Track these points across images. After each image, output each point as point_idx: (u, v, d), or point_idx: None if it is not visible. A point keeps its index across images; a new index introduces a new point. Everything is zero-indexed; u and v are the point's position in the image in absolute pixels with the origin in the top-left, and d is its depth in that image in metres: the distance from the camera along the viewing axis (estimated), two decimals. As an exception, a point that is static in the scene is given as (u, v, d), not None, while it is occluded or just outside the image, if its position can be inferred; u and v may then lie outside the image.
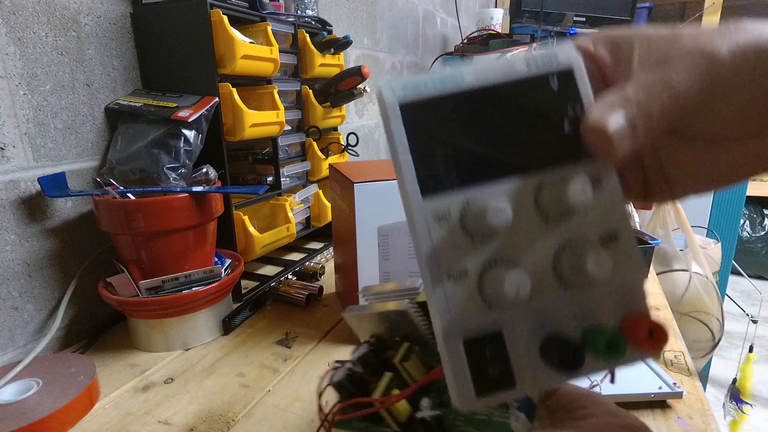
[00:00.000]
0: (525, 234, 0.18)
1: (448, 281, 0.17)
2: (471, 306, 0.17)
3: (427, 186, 0.18)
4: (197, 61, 0.60)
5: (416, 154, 0.18)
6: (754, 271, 2.49)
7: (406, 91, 0.18)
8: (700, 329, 1.10)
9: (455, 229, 0.18)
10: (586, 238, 0.18)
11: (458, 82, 0.18)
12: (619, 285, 0.18)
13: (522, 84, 0.18)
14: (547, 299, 0.18)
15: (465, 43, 1.49)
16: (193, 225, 0.53)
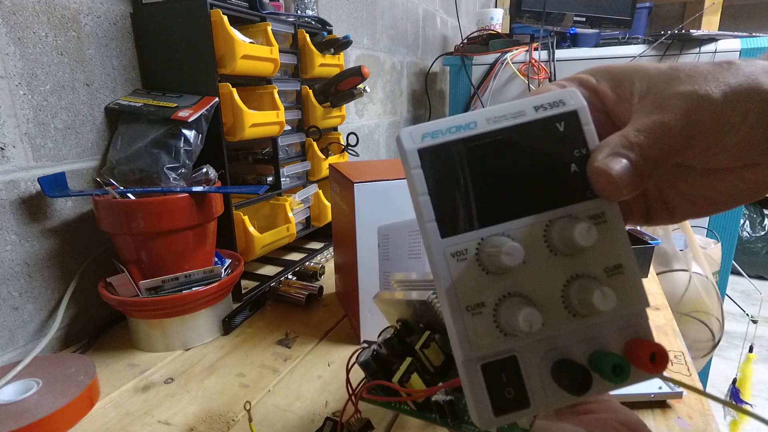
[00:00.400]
0: (536, 268, 0.19)
1: (466, 313, 0.19)
2: (488, 335, 0.19)
3: (446, 226, 0.19)
4: (197, 61, 0.60)
5: (434, 196, 0.19)
6: (754, 271, 2.49)
7: (423, 137, 0.19)
8: (700, 329, 1.10)
9: (472, 266, 0.19)
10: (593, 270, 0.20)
11: (471, 128, 0.19)
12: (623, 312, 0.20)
13: (530, 127, 0.20)
14: (556, 327, 0.19)
15: (465, 43, 1.49)
16: (193, 225, 0.53)
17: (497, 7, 1.73)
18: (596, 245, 0.19)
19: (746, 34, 1.24)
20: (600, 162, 0.19)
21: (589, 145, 0.20)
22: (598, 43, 1.41)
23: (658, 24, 2.75)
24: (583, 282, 0.19)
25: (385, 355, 0.30)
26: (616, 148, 0.19)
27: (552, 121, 0.20)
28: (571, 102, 0.20)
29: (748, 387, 1.17)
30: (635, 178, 0.19)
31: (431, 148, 0.19)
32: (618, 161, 0.19)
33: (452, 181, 0.19)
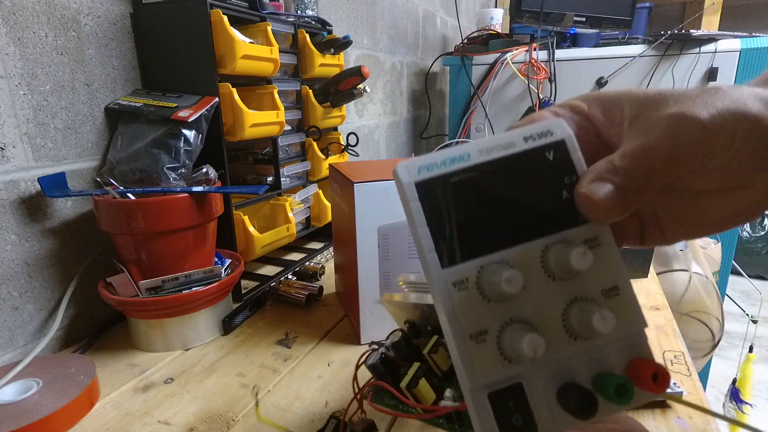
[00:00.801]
0: (535, 294, 0.20)
1: (470, 341, 0.19)
2: (492, 363, 0.19)
3: (446, 256, 0.20)
4: (197, 61, 0.60)
5: (433, 227, 0.20)
6: (754, 271, 2.49)
7: (420, 171, 0.20)
8: (700, 329, 1.10)
9: (473, 294, 0.20)
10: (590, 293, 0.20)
11: (465, 160, 0.20)
12: (622, 333, 0.20)
13: (521, 157, 0.20)
14: (559, 351, 0.20)
15: (465, 43, 1.49)
16: (193, 225, 0.53)
17: (497, 7, 1.73)
18: (592, 268, 0.20)
19: (746, 34, 1.24)
20: (584, 187, 0.20)
21: (578, 172, 0.21)
22: (598, 43, 1.41)
23: (658, 24, 2.75)
24: (582, 305, 0.20)
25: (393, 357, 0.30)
26: (601, 173, 0.20)
27: (541, 150, 0.21)
28: (559, 132, 0.21)
29: (748, 387, 1.17)
30: (621, 201, 0.19)
31: (428, 180, 0.20)
32: (602, 186, 0.19)
33: (450, 212, 0.20)
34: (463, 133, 1.47)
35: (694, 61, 1.26)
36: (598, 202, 0.19)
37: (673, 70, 1.28)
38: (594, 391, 0.19)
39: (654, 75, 1.29)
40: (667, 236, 0.24)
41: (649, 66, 1.30)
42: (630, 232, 0.25)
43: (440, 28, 1.80)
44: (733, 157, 0.19)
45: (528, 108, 1.34)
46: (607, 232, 0.21)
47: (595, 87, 1.35)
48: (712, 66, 1.24)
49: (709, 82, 1.25)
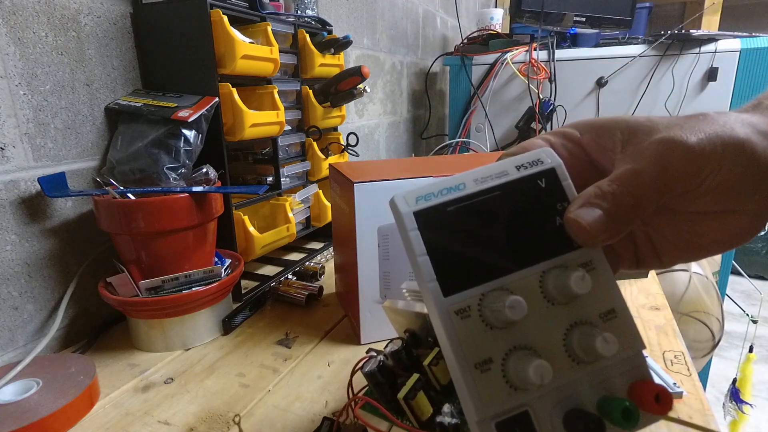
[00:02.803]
0: (536, 319, 0.20)
1: (475, 371, 0.19)
2: (498, 391, 0.19)
3: (447, 285, 0.20)
4: (197, 61, 0.60)
5: (433, 256, 0.20)
6: (754, 271, 2.49)
7: (417, 200, 0.20)
8: (700, 329, 1.10)
9: (476, 322, 0.20)
10: (589, 317, 0.20)
11: (461, 189, 0.21)
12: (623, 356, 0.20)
13: (515, 185, 0.21)
14: (563, 377, 0.20)
15: (465, 43, 1.49)
16: (193, 225, 0.53)
17: (497, 7, 1.73)
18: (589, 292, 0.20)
19: (746, 34, 1.24)
20: (572, 213, 0.20)
21: (569, 198, 0.21)
22: (598, 43, 1.41)
23: (658, 24, 2.75)
24: (583, 329, 0.20)
25: (391, 366, 0.29)
26: (589, 199, 0.20)
27: (534, 178, 0.21)
28: (548, 160, 0.21)
29: (748, 387, 1.17)
30: (610, 225, 0.20)
31: (426, 210, 0.20)
32: (590, 211, 0.20)
33: (448, 240, 0.20)
34: (463, 133, 1.47)
35: (694, 61, 1.26)
36: (586, 227, 0.20)
37: (673, 70, 1.28)
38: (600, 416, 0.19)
39: (654, 75, 1.29)
40: (662, 260, 0.24)
41: (649, 66, 1.30)
42: (625, 256, 0.25)
43: (440, 28, 1.80)
44: (723, 181, 0.20)
45: (528, 108, 1.33)
46: (601, 256, 0.21)
47: (595, 87, 1.35)
48: (712, 66, 1.24)
49: (709, 82, 1.25)
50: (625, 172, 0.20)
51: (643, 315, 0.58)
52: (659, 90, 1.30)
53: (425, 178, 0.50)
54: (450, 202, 0.20)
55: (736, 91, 1.24)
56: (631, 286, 0.67)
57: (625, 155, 0.21)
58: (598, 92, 1.36)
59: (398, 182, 0.49)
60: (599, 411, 0.20)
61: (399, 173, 0.51)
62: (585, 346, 0.19)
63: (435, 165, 0.57)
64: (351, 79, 0.80)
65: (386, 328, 0.53)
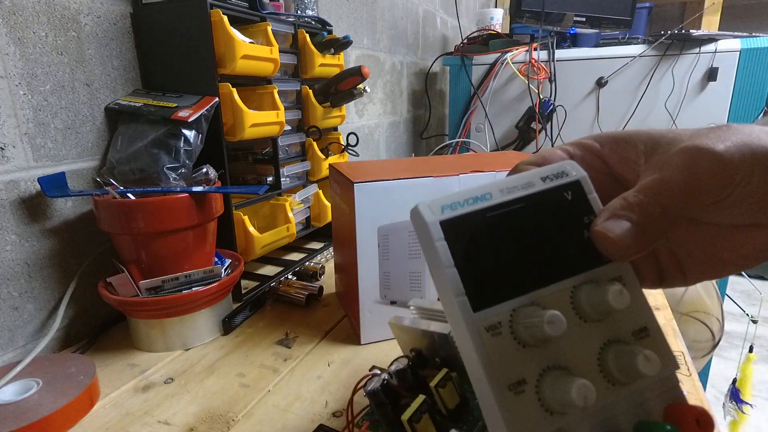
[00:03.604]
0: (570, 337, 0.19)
1: (509, 393, 0.18)
2: (534, 415, 0.18)
3: (477, 299, 0.18)
4: (197, 61, 0.60)
5: (461, 268, 0.18)
6: (754, 271, 2.49)
7: (443, 210, 0.19)
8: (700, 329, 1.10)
9: (507, 340, 0.18)
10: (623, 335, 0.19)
11: (487, 199, 0.20)
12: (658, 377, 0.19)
13: (541, 196, 0.20)
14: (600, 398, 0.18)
15: (465, 43, 1.49)
16: (193, 225, 0.53)
17: (497, 7, 1.73)
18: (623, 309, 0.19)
19: (746, 34, 1.24)
20: (599, 225, 0.19)
21: (595, 211, 0.21)
22: (598, 43, 1.41)
23: (658, 24, 2.75)
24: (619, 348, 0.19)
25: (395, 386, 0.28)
26: (615, 211, 0.20)
27: (560, 190, 0.20)
28: (573, 173, 0.21)
29: (748, 387, 1.17)
30: (639, 237, 0.19)
31: (452, 219, 0.19)
32: (617, 223, 0.19)
33: (476, 252, 0.19)
34: (463, 133, 1.47)
35: (694, 61, 1.26)
36: (615, 240, 0.19)
37: (673, 70, 1.28)
38: None
39: (654, 75, 1.29)
40: (687, 276, 0.23)
41: (649, 66, 1.30)
42: (647, 274, 0.24)
43: (440, 28, 1.80)
44: (752, 192, 0.19)
45: (528, 108, 1.33)
46: (630, 271, 0.20)
47: (595, 87, 1.35)
48: (712, 66, 1.24)
49: (709, 82, 1.25)
50: (651, 181, 0.19)
51: (643, 315, 0.58)
52: (659, 90, 1.30)
53: (425, 178, 0.50)
54: (477, 211, 0.19)
55: (736, 91, 1.24)
56: (631, 286, 0.67)
57: (649, 166, 0.20)
58: (598, 92, 1.36)
59: (398, 182, 0.49)
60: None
61: (399, 173, 0.51)
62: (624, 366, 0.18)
63: (435, 165, 0.57)
64: (351, 79, 0.80)
65: (386, 328, 0.53)
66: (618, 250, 0.19)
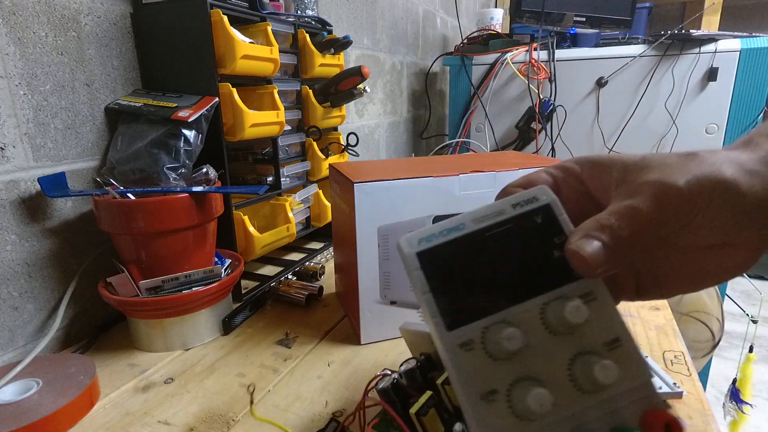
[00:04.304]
0: (539, 350, 0.21)
1: (481, 402, 0.20)
2: (505, 422, 0.19)
3: (449, 320, 0.21)
4: (197, 61, 0.60)
5: (436, 293, 0.21)
6: (754, 271, 2.49)
7: (420, 242, 0.22)
8: (700, 329, 1.10)
9: (480, 355, 0.20)
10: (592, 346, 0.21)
11: (460, 229, 0.22)
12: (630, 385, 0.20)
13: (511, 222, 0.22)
14: (570, 406, 0.20)
15: (465, 43, 1.49)
16: (193, 225, 0.53)
17: (497, 7, 1.73)
18: (591, 322, 0.21)
19: (746, 34, 1.24)
20: (573, 244, 0.21)
21: (566, 231, 0.22)
22: (598, 43, 1.41)
23: (658, 24, 2.75)
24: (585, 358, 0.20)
25: (404, 385, 0.30)
26: (589, 231, 0.21)
27: (530, 215, 0.22)
28: (544, 198, 0.23)
29: (748, 387, 1.17)
30: (609, 256, 0.21)
31: (428, 250, 0.21)
32: (590, 242, 0.21)
33: (449, 278, 0.21)
34: (463, 133, 1.47)
35: (694, 61, 1.26)
36: (586, 258, 0.21)
37: (673, 70, 1.28)
38: None
39: (654, 75, 1.29)
40: (663, 290, 0.26)
41: (649, 66, 1.30)
42: (626, 287, 0.26)
43: (440, 28, 1.80)
44: (713, 218, 0.21)
45: (528, 108, 1.33)
46: (602, 286, 0.22)
47: (595, 87, 1.35)
48: (712, 66, 1.24)
49: (709, 82, 1.25)
50: (623, 207, 0.22)
51: (643, 315, 0.58)
52: (659, 90, 1.30)
53: (425, 178, 0.50)
54: (450, 242, 0.22)
55: (736, 91, 1.24)
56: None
57: (620, 191, 0.23)
58: (598, 92, 1.36)
59: (398, 182, 0.49)
60: None
61: (399, 173, 0.51)
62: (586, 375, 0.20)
63: (435, 165, 0.57)
64: (351, 79, 0.80)
65: (386, 328, 0.53)
66: (589, 268, 0.21)
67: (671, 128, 1.31)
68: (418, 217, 0.51)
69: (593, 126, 1.38)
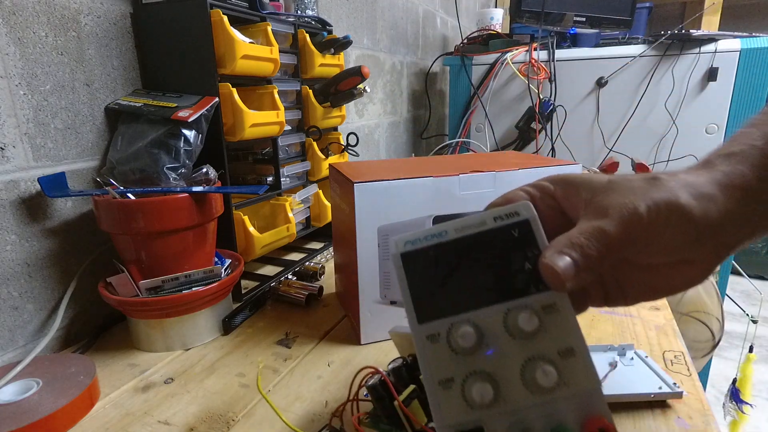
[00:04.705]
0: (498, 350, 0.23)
1: (438, 387, 0.23)
2: (457, 407, 0.22)
3: (422, 315, 0.24)
4: (197, 61, 0.60)
5: (413, 290, 0.24)
6: (754, 271, 2.49)
7: (406, 244, 0.24)
8: (700, 329, 1.10)
9: (443, 347, 0.23)
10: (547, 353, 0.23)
11: (443, 236, 0.24)
12: (578, 391, 0.22)
13: (490, 234, 0.24)
14: (517, 403, 0.22)
15: (465, 43, 1.49)
16: (193, 225, 0.53)
17: (497, 7, 1.73)
18: (549, 331, 0.23)
19: (746, 34, 1.24)
20: (547, 258, 0.23)
21: (540, 246, 0.24)
22: (598, 43, 1.41)
23: (658, 24, 2.75)
24: (536, 363, 0.22)
25: (392, 382, 0.32)
26: (561, 247, 0.23)
27: (508, 228, 0.24)
28: (524, 213, 0.25)
29: (748, 387, 1.17)
30: (578, 272, 0.23)
31: (411, 252, 0.24)
32: (562, 258, 0.23)
33: (427, 278, 0.24)
34: (463, 133, 1.47)
35: (694, 61, 1.26)
36: (558, 272, 0.23)
37: (673, 70, 1.28)
38: None
39: (654, 75, 1.29)
40: (627, 299, 0.28)
41: (649, 66, 1.30)
42: (594, 295, 0.29)
43: (440, 28, 1.80)
44: (670, 240, 0.23)
45: (528, 108, 1.33)
46: (565, 299, 0.24)
47: (595, 87, 1.35)
48: (712, 66, 1.24)
49: (709, 82, 1.25)
50: (592, 227, 0.24)
51: (643, 315, 0.58)
52: (659, 90, 1.30)
53: (425, 178, 0.50)
54: (432, 246, 0.24)
55: (736, 91, 1.24)
56: (631, 286, 0.67)
57: (587, 211, 0.25)
58: (598, 92, 1.36)
59: (398, 182, 0.49)
60: None
61: (399, 173, 0.51)
62: (532, 377, 0.22)
63: (435, 165, 0.57)
64: (351, 79, 0.80)
65: (386, 328, 0.53)
66: (559, 281, 0.23)
67: (671, 128, 1.31)
68: (418, 217, 0.51)
69: (593, 126, 1.38)
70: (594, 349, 0.48)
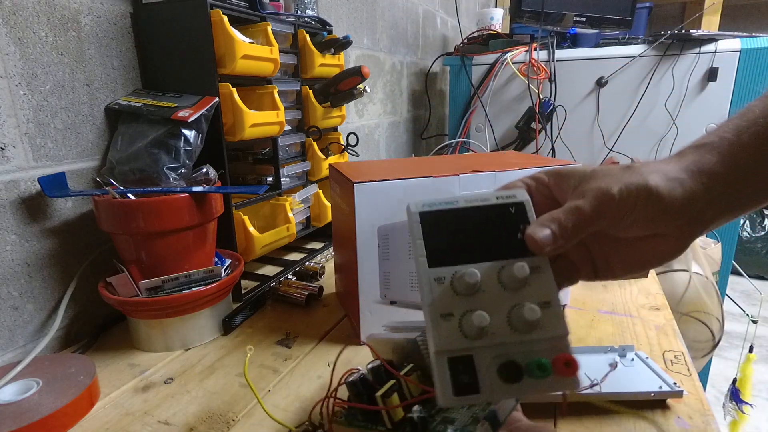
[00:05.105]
0: (490, 296, 0.28)
1: (440, 318, 0.27)
2: (454, 336, 0.27)
3: (432, 260, 0.28)
4: (197, 61, 0.60)
5: (427, 240, 0.29)
6: (754, 271, 2.49)
7: (423, 206, 0.29)
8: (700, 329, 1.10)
9: (447, 288, 0.28)
10: (530, 301, 0.27)
11: (454, 204, 0.29)
12: (550, 335, 0.27)
13: (493, 207, 0.30)
14: (502, 338, 0.27)
15: (465, 43, 1.49)
16: (193, 225, 0.53)
17: (497, 7, 1.73)
18: (533, 285, 0.28)
19: (746, 34, 1.24)
20: (530, 230, 0.28)
21: (530, 221, 0.30)
22: (598, 43, 1.40)
23: (658, 24, 2.75)
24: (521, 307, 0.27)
25: (371, 381, 0.35)
26: (542, 221, 0.28)
27: (507, 205, 0.30)
28: (520, 197, 0.30)
29: (748, 387, 1.17)
30: (556, 240, 0.27)
31: (428, 212, 0.29)
32: (543, 230, 0.28)
33: (438, 233, 0.29)
34: (463, 133, 1.47)
35: (694, 61, 1.26)
36: (537, 240, 0.27)
37: (673, 70, 1.28)
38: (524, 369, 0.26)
39: (654, 75, 1.29)
40: (614, 272, 0.32)
41: (649, 66, 1.30)
42: (584, 270, 0.33)
43: (440, 28, 1.80)
44: (640, 216, 0.27)
45: (528, 108, 1.33)
46: (546, 262, 0.29)
47: (595, 87, 1.35)
48: (712, 66, 1.24)
49: (709, 82, 1.25)
50: (569, 206, 0.28)
51: (643, 315, 0.58)
52: (659, 90, 1.30)
53: (425, 178, 0.50)
54: (445, 210, 0.29)
55: (736, 91, 1.24)
56: (631, 286, 0.67)
57: (573, 195, 0.29)
58: (598, 92, 1.36)
59: (398, 182, 0.49)
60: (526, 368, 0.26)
61: (399, 173, 0.51)
62: (518, 316, 0.26)
63: (435, 165, 0.57)
64: (351, 79, 0.80)
65: (386, 328, 0.53)
66: (539, 248, 0.27)
67: (671, 128, 1.31)
68: (418, 217, 0.51)
69: (593, 126, 1.38)
70: (595, 350, 0.48)
